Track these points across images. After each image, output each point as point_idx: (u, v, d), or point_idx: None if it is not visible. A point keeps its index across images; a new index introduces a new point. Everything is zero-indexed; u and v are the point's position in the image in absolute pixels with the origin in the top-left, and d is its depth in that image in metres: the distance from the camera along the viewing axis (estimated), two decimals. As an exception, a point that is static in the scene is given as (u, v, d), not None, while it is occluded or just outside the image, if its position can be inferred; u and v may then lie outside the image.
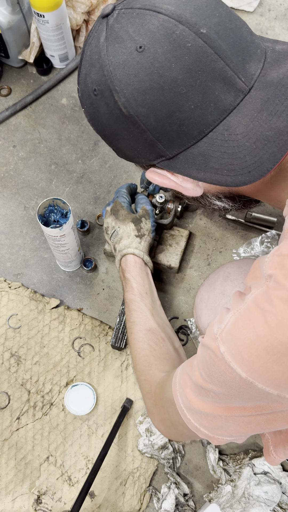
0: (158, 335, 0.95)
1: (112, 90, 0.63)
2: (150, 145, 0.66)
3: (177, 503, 1.06)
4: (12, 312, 1.19)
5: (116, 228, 1.06)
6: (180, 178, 0.70)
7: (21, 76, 1.43)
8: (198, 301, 0.99)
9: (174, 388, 0.73)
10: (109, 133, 0.69)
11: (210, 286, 0.98)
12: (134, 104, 0.62)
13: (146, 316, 0.97)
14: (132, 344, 0.95)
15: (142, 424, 1.11)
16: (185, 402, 0.70)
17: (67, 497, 1.08)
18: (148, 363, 0.91)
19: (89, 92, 0.67)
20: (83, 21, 1.40)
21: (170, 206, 1.17)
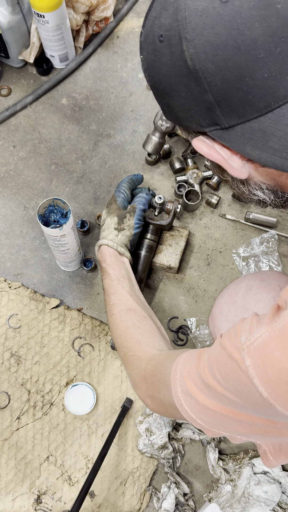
0: (140, 313, 0.95)
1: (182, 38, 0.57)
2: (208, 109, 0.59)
3: (177, 503, 1.06)
4: (12, 312, 1.19)
5: (105, 220, 1.09)
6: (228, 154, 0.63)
7: (21, 76, 1.43)
8: (217, 312, 0.97)
9: (173, 375, 0.72)
10: (165, 87, 0.62)
11: (231, 298, 0.96)
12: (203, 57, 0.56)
13: (126, 297, 0.98)
14: (115, 324, 0.95)
15: (142, 424, 1.11)
16: (184, 392, 0.69)
17: (67, 497, 1.08)
18: (136, 340, 0.90)
19: (154, 37, 0.61)
20: (83, 22, 1.40)
21: (169, 207, 1.17)
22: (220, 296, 0.99)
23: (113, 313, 0.96)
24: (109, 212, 1.10)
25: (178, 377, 0.71)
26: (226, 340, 0.62)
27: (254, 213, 1.27)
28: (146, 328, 0.93)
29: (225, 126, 0.60)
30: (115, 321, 0.95)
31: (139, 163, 1.35)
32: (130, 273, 1.04)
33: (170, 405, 0.73)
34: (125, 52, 1.47)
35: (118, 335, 0.94)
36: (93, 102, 1.41)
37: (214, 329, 0.96)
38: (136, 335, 0.91)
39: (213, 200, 1.28)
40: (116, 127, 1.38)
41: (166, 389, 0.73)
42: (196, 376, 0.67)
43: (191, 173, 1.29)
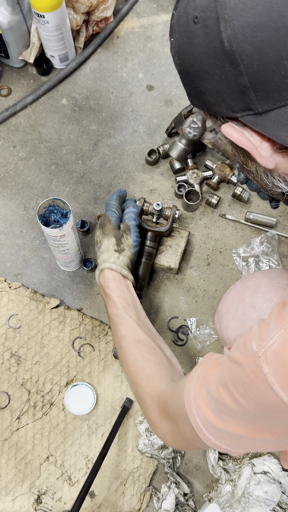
0: (149, 345, 0.91)
1: (219, 18, 0.55)
2: (241, 92, 0.57)
3: (177, 503, 1.06)
4: (12, 312, 1.19)
5: (102, 242, 1.04)
6: (258, 141, 0.61)
7: (21, 77, 1.43)
8: (223, 310, 0.94)
9: (188, 406, 0.69)
10: (197, 69, 0.60)
11: (239, 297, 0.93)
12: (241, 39, 0.54)
13: (134, 328, 0.93)
14: (124, 358, 0.91)
15: (142, 424, 1.11)
16: (204, 421, 0.66)
17: (67, 497, 1.08)
18: (146, 375, 0.86)
19: (187, 19, 0.59)
20: (83, 22, 1.40)
21: (167, 213, 1.16)
22: (227, 294, 0.96)
23: (122, 346, 0.92)
24: (105, 233, 1.04)
25: (194, 407, 0.68)
26: (236, 352, 0.60)
27: (254, 213, 1.27)
28: (156, 360, 0.88)
29: (259, 111, 0.58)
30: (125, 355, 0.91)
31: (139, 163, 1.35)
32: (135, 299, 1.00)
33: (193, 438, 0.70)
34: (125, 52, 1.47)
35: (128, 370, 0.90)
36: (93, 102, 1.41)
37: (221, 328, 0.94)
38: (146, 369, 0.87)
39: (213, 200, 1.28)
40: (116, 127, 1.38)
41: (185, 423, 0.70)
42: (212, 402, 0.64)
43: (191, 173, 1.29)
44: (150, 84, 1.43)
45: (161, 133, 1.38)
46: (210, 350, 1.19)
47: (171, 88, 1.43)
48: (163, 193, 1.32)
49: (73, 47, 1.41)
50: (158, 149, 1.33)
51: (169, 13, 1.51)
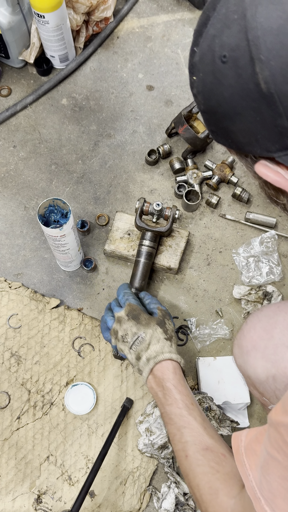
0: (217, 451, 0.82)
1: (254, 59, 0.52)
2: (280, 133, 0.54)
3: (177, 503, 1.06)
4: (12, 312, 1.20)
5: (140, 334, 0.95)
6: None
7: (21, 77, 1.43)
8: (249, 347, 0.86)
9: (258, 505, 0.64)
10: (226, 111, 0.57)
11: (267, 334, 0.86)
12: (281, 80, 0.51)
13: (200, 433, 0.84)
14: (190, 469, 0.82)
15: (142, 424, 1.11)
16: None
17: (67, 497, 1.08)
18: (214, 490, 0.78)
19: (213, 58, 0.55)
20: (83, 22, 1.40)
21: (167, 213, 1.17)
22: (251, 328, 0.87)
23: (187, 455, 0.83)
24: (143, 324, 0.96)
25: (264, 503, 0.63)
26: None
27: (254, 213, 1.27)
28: (226, 470, 0.80)
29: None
30: (191, 466, 0.82)
31: (139, 163, 1.35)
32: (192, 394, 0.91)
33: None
34: (125, 53, 1.47)
35: (195, 484, 0.81)
36: (93, 102, 1.41)
37: (246, 365, 0.86)
38: (214, 483, 0.79)
39: (213, 200, 1.28)
40: (116, 127, 1.39)
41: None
42: None
43: (191, 173, 1.30)
44: (150, 84, 1.43)
45: (161, 133, 1.38)
46: (210, 350, 1.19)
47: (171, 88, 1.43)
48: (163, 193, 1.32)
49: (73, 47, 1.42)
50: (158, 149, 1.33)
51: (169, 13, 1.52)
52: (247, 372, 0.85)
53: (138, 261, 1.16)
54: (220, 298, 1.23)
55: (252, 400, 1.14)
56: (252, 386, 0.85)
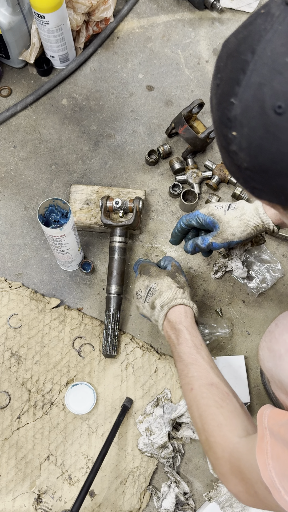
0: (222, 389, 0.85)
1: None
2: None
3: (177, 502, 1.07)
4: (12, 311, 1.20)
5: (152, 285, 0.99)
6: None
7: (22, 77, 1.44)
8: (282, 350, 0.83)
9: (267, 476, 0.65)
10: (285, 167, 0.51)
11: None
12: None
13: (206, 370, 0.87)
14: (195, 400, 0.85)
15: (142, 423, 1.11)
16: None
17: (67, 496, 1.08)
18: (218, 423, 0.81)
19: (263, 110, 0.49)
20: (83, 22, 1.40)
21: (131, 205, 1.18)
22: (283, 331, 0.84)
23: (193, 388, 0.86)
24: (154, 276, 1.00)
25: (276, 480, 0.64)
26: None
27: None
28: (229, 407, 0.82)
29: None
30: (195, 398, 0.85)
31: (139, 163, 1.35)
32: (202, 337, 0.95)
33: (274, 502, 0.66)
34: (125, 53, 1.47)
35: (198, 415, 0.84)
36: (94, 102, 1.41)
37: (277, 369, 0.84)
38: (218, 417, 0.82)
39: (213, 200, 1.28)
40: (116, 128, 1.39)
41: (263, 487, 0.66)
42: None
43: (190, 173, 1.30)
44: (150, 84, 1.43)
45: (161, 134, 1.38)
46: (210, 350, 1.19)
47: (171, 88, 1.43)
48: (163, 193, 1.32)
49: (74, 48, 1.42)
50: (158, 149, 1.33)
51: (169, 14, 1.52)
52: (279, 376, 0.83)
53: (112, 258, 1.18)
54: (220, 298, 1.23)
55: (252, 400, 1.14)
56: (281, 390, 0.83)
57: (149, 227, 1.29)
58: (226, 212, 1.04)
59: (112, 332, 1.14)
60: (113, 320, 1.15)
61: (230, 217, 1.03)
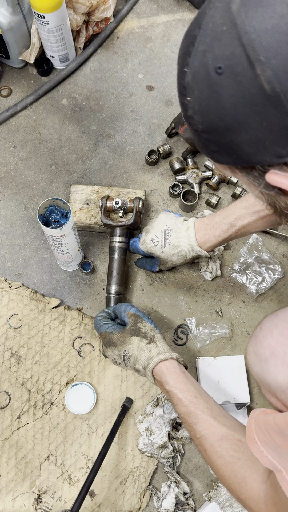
0: (233, 439, 0.84)
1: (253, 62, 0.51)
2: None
3: (177, 502, 1.07)
4: (12, 311, 1.20)
5: (122, 353, 0.98)
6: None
7: (22, 77, 1.44)
8: (267, 354, 0.84)
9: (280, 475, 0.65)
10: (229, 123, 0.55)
11: (286, 339, 0.84)
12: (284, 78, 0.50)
13: (211, 424, 0.86)
14: (212, 462, 0.85)
15: (142, 423, 1.11)
16: None
17: (67, 496, 1.08)
18: (241, 478, 0.80)
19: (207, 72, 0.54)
20: (83, 22, 1.40)
21: (131, 205, 1.19)
22: (268, 334, 0.85)
23: (205, 449, 0.86)
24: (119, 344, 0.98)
25: (286, 474, 0.65)
26: None
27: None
28: (246, 456, 0.81)
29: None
30: (211, 459, 0.85)
31: (139, 163, 1.35)
32: (197, 386, 0.93)
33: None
34: (125, 53, 1.47)
35: (221, 475, 0.84)
36: (93, 102, 1.41)
37: (264, 372, 0.85)
38: (238, 471, 0.81)
39: (213, 200, 1.28)
40: (116, 128, 1.39)
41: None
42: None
43: (190, 173, 1.30)
44: (150, 84, 1.43)
45: (161, 134, 1.38)
46: (210, 350, 1.19)
47: (171, 88, 1.43)
48: (163, 193, 1.32)
49: (73, 48, 1.42)
50: (158, 149, 1.33)
51: (169, 14, 1.52)
52: (266, 379, 0.84)
53: (112, 258, 1.18)
54: (220, 298, 1.23)
55: (252, 400, 1.14)
56: (270, 393, 0.84)
57: (149, 227, 1.29)
58: (163, 249, 1.11)
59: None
60: None
61: (168, 254, 1.12)
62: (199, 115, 0.57)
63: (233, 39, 0.52)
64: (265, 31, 0.50)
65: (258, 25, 0.51)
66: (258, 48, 0.51)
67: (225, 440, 0.84)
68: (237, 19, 0.52)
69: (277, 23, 0.50)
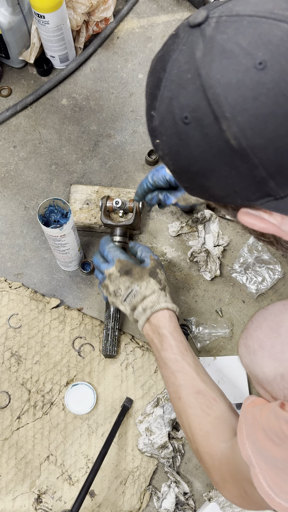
0: (209, 396, 0.86)
1: (218, 118, 0.51)
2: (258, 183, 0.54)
3: (177, 502, 1.07)
4: (12, 311, 1.20)
5: (134, 288, 0.97)
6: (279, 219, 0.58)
7: (22, 77, 1.44)
8: (255, 346, 0.86)
9: (252, 470, 0.66)
10: (198, 170, 0.56)
11: (273, 332, 0.85)
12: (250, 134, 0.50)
13: (193, 377, 0.88)
14: (183, 410, 0.87)
15: (142, 424, 1.11)
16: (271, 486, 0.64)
17: (67, 496, 1.08)
18: (205, 432, 0.83)
19: (174, 120, 0.54)
20: (83, 22, 1.40)
21: (131, 205, 1.18)
22: (257, 327, 0.88)
23: (180, 397, 0.88)
24: (137, 278, 0.97)
25: (258, 471, 0.66)
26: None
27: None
28: (216, 414, 0.84)
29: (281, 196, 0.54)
30: (183, 407, 0.87)
31: (139, 163, 1.35)
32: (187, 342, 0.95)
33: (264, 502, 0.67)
34: (125, 53, 1.47)
35: (187, 425, 0.86)
36: (93, 102, 1.41)
37: (252, 364, 0.87)
38: (205, 425, 0.84)
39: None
40: (116, 128, 1.39)
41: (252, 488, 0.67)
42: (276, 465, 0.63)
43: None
44: (150, 84, 1.43)
45: (161, 133, 1.38)
46: (210, 350, 1.19)
47: (171, 88, 1.43)
48: (163, 193, 1.32)
49: (73, 48, 1.42)
50: (158, 149, 1.33)
51: (169, 14, 1.52)
52: (254, 371, 0.86)
53: None
54: (220, 298, 1.23)
55: (252, 399, 1.14)
56: (259, 385, 0.86)
57: (149, 227, 1.29)
58: None
59: (112, 332, 1.14)
60: (113, 320, 1.15)
61: None
62: (168, 157, 0.58)
63: (198, 91, 0.52)
64: (230, 86, 0.50)
65: (223, 79, 0.50)
66: (223, 104, 0.50)
67: (201, 394, 0.86)
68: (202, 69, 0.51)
69: (242, 77, 0.49)
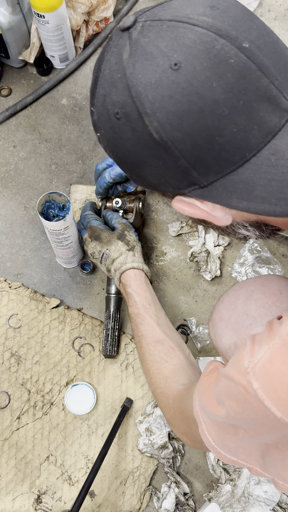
0: (167, 345, 0.94)
1: (141, 114, 0.56)
2: (183, 173, 0.59)
3: (177, 502, 1.06)
4: (12, 312, 1.20)
5: (104, 251, 1.05)
6: (210, 206, 0.63)
7: (21, 77, 1.43)
8: (217, 319, 0.93)
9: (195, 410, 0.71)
10: (133, 160, 0.62)
11: (231, 305, 0.92)
12: (169, 128, 0.56)
13: (153, 328, 0.96)
14: (143, 358, 0.95)
15: (142, 424, 1.11)
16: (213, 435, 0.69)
17: (67, 497, 1.08)
18: (163, 376, 0.90)
19: (108, 116, 0.60)
20: (83, 22, 1.40)
21: (131, 205, 1.18)
22: (220, 302, 0.95)
23: (142, 346, 0.96)
24: (105, 242, 1.06)
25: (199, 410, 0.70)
26: (230, 369, 0.61)
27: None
28: (174, 361, 0.92)
29: (204, 184, 0.60)
30: (144, 355, 0.95)
31: (139, 163, 1.35)
32: (154, 297, 1.02)
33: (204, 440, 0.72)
34: (125, 52, 1.47)
35: (147, 370, 0.94)
36: (93, 102, 1.41)
37: (215, 336, 0.94)
38: (163, 371, 0.91)
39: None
40: (116, 127, 1.38)
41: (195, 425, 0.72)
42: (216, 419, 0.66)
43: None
44: (150, 84, 1.43)
45: (161, 133, 1.38)
46: (210, 349, 1.19)
47: (171, 88, 1.43)
48: (163, 193, 1.32)
49: (73, 47, 1.42)
50: (158, 149, 1.33)
51: (169, 13, 1.51)
52: (216, 343, 0.93)
53: None
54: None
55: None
56: (222, 356, 0.92)
57: (149, 227, 1.29)
58: None
59: (112, 332, 1.14)
60: (113, 321, 1.14)
61: None
62: (108, 149, 0.64)
63: (124, 89, 0.57)
64: (150, 85, 0.55)
65: (144, 79, 0.56)
66: (144, 101, 0.56)
67: (160, 343, 0.94)
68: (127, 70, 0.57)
69: (160, 77, 0.55)
